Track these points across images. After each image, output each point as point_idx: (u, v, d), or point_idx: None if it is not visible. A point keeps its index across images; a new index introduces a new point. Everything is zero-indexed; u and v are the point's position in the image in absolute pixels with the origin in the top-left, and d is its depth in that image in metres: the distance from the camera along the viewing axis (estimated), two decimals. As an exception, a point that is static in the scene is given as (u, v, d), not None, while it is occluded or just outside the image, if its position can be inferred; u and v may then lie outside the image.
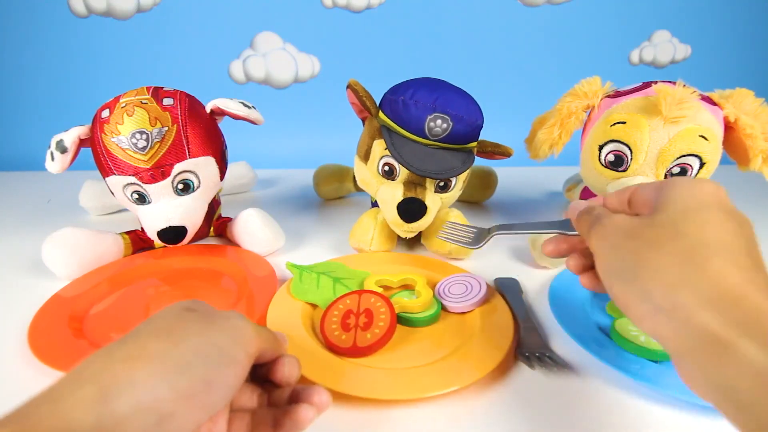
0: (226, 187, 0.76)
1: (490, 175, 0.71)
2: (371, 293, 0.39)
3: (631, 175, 0.45)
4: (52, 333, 0.37)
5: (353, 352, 0.34)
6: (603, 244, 0.25)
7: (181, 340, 0.21)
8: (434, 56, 1.04)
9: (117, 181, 0.46)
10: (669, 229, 0.22)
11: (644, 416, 0.30)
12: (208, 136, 0.49)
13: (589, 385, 0.33)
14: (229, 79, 1.02)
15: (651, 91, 0.45)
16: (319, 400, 0.24)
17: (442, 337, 0.37)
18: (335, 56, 1.03)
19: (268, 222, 0.52)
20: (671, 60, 1.07)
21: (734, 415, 0.19)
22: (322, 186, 0.72)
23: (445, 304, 0.40)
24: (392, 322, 0.35)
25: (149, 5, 0.95)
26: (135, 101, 0.45)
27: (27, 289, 0.46)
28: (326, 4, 0.98)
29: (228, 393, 0.21)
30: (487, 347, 0.34)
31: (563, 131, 0.50)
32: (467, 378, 0.31)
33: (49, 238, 0.46)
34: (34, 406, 0.18)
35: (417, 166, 0.45)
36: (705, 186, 0.24)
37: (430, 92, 0.45)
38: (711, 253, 0.21)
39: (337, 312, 0.37)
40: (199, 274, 0.48)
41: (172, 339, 0.21)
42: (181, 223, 0.47)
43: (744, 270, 0.20)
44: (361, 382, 0.31)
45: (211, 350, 0.21)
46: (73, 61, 0.98)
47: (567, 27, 1.03)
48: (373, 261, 0.49)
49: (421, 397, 0.30)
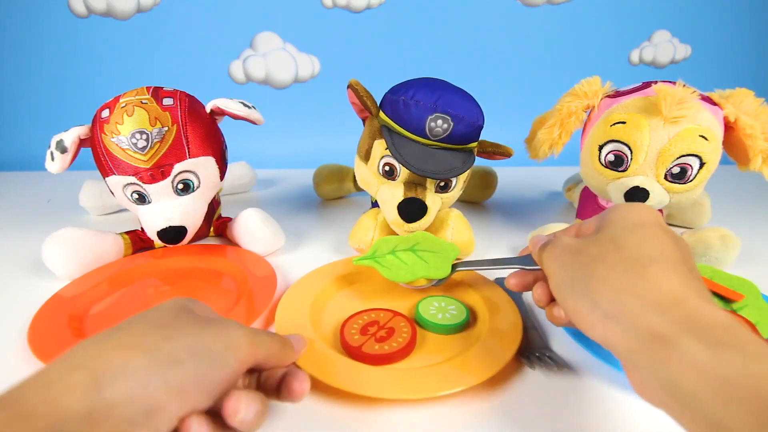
0: (226, 187, 0.76)
1: (490, 175, 0.71)
2: (404, 318, 0.38)
3: (631, 175, 0.45)
4: (52, 333, 0.37)
5: (356, 353, 0.34)
6: (554, 264, 0.27)
7: (173, 336, 0.21)
8: (434, 56, 1.04)
9: (117, 181, 0.46)
10: (611, 244, 0.25)
11: (644, 416, 0.30)
12: (208, 136, 0.49)
13: (589, 385, 0.33)
14: (229, 79, 1.02)
15: (651, 91, 0.45)
16: (300, 387, 0.25)
17: (451, 338, 0.37)
18: (335, 56, 1.03)
19: (268, 222, 0.52)
20: (671, 60, 1.07)
21: (680, 412, 0.19)
22: (322, 186, 0.72)
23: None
24: (403, 350, 0.34)
25: (149, 5, 0.95)
26: (135, 101, 0.45)
27: (27, 289, 0.46)
28: (326, 4, 0.98)
29: (215, 394, 0.22)
30: (494, 349, 0.34)
31: (563, 131, 0.50)
32: (472, 379, 0.31)
33: (49, 238, 0.46)
34: (25, 390, 0.18)
35: (417, 166, 0.45)
36: (642, 208, 0.26)
37: (431, 92, 0.45)
38: (649, 261, 0.23)
39: (366, 317, 0.38)
40: (199, 274, 0.48)
41: (165, 334, 0.21)
42: (181, 223, 0.47)
43: (681, 276, 0.22)
44: (368, 382, 0.31)
45: (202, 352, 0.21)
46: (73, 61, 0.98)
47: (567, 27, 1.03)
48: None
49: (423, 397, 0.30)
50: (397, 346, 0.34)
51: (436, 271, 0.42)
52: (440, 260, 0.42)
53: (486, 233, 0.60)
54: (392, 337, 0.35)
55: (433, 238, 0.45)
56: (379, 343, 0.34)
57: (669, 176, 0.44)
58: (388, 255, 0.43)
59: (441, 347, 0.36)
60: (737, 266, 0.49)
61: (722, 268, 0.48)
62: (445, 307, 0.40)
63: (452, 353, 0.35)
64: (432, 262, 0.42)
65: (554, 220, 0.56)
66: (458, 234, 0.50)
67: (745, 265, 0.49)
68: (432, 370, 0.32)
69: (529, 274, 0.32)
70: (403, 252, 0.43)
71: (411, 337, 0.35)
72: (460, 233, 0.50)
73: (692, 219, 0.60)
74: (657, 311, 0.21)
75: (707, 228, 0.50)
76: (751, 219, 0.64)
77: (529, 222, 0.64)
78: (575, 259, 0.25)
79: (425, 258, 0.43)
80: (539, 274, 0.31)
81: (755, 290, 0.39)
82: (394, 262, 0.43)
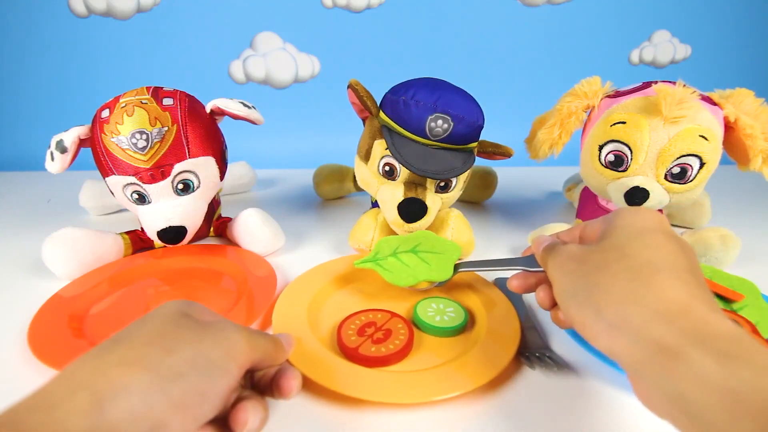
0: (226, 187, 0.76)
1: (490, 175, 0.71)
2: (402, 319, 0.38)
3: (631, 175, 0.45)
4: (52, 333, 0.37)
5: (352, 354, 0.34)
6: (558, 272, 0.26)
7: (174, 348, 0.21)
8: (434, 56, 1.04)
9: (117, 181, 0.46)
10: (615, 252, 0.24)
11: (644, 416, 0.30)
12: (208, 136, 0.49)
13: (589, 385, 0.33)
14: (229, 79, 1.02)
15: (651, 91, 0.45)
16: (292, 385, 0.25)
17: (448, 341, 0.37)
18: (335, 56, 1.03)
19: (268, 222, 0.52)
20: (671, 60, 1.07)
21: (686, 424, 0.19)
22: (322, 186, 0.72)
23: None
24: (400, 353, 0.34)
25: (149, 5, 0.95)
26: (135, 101, 0.45)
27: (27, 289, 0.46)
28: (326, 4, 0.98)
29: (219, 404, 0.22)
30: (494, 351, 0.34)
31: (563, 131, 0.50)
32: (469, 384, 0.31)
33: (49, 238, 0.46)
34: (26, 412, 0.17)
35: (417, 166, 0.45)
36: (648, 213, 0.26)
37: (431, 92, 0.45)
38: (655, 270, 0.22)
39: (364, 317, 0.38)
40: (199, 274, 0.48)
41: (165, 346, 0.21)
42: (181, 223, 0.47)
43: (687, 285, 0.21)
44: (364, 384, 0.31)
45: (204, 363, 0.21)
46: (73, 61, 0.98)
47: (567, 27, 1.03)
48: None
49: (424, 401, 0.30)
50: (394, 348, 0.34)
51: (438, 273, 0.41)
52: (442, 261, 0.42)
53: (486, 233, 0.60)
54: (389, 339, 0.35)
55: (435, 237, 0.45)
56: (375, 345, 0.34)
57: (669, 176, 0.44)
58: (389, 257, 0.43)
59: (438, 350, 0.36)
60: (737, 266, 0.49)
61: (722, 268, 0.48)
62: (443, 309, 0.40)
63: (450, 356, 0.35)
64: (434, 264, 0.42)
65: (554, 220, 0.56)
66: (458, 234, 0.50)
67: (745, 265, 0.49)
68: (429, 374, 0.32)
69: (532, 276, 0.32)
70: (404, 254, 0.43)
71: (408, 339, 0.35)
72: (460, 233, 0.50)
73: (692, 219, 0.60)
74: (663, 322, 0.20)
75: (707, 228, 0.50)
76: (751, 219, 0.64)
77: (529, 222, 0.64)
78: (580, 267, 0.25)
79: (427, 260, 0.43)
80: (542, 276, 0.31)
81: (755, 290, 0.39)
82: (395, 264, 0.42)
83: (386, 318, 0.38)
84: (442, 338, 0.37)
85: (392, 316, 0.38)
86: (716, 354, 0.18)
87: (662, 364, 0.19)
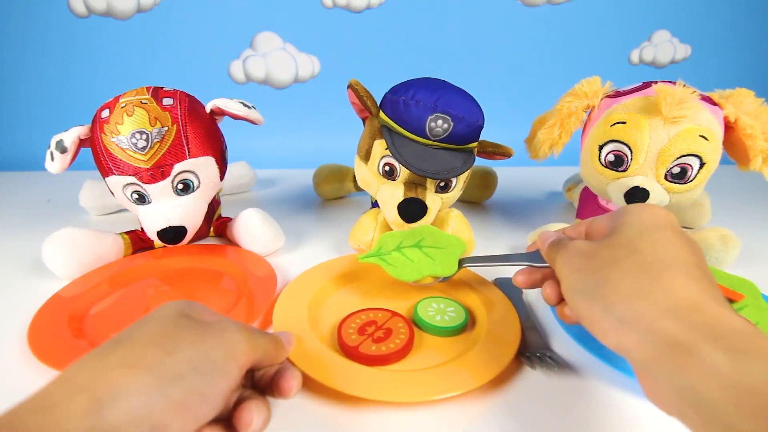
0: (226, 187, 0.76)
1: (490, 175, 0.71)
2: (402, 318, 0.38)
3: (631, 175, 0.45)
4: (51, 333, 0.37)
5: (353, 353, 0.34)
6: (566, 268, 0.26)
7: (175, 349, 0.21)
8: (434, 56, 1.04)
9: (117, 181, 0.46)
10: (624, 248, 0.24)
11: (644, 416, 0.30)
12: (208, 136, 0.49)
13: (589, 385, 0.33)
14: (229, 79, 1.02)
15: (651, 91, 0.45)
16: (292, 385, 0.25)
17: (449, 340, 0.37)
18: (335, 56, 1.03)
19: (268, 222, 0.52)
20: (671, 60, 1.07)
21: (698, 421, 0.19)
22: (322, 186, 0.72)
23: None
24: (400, 352, 0.34)
25: (149, 5, 0.95)
26: (135, 101, 0.45)
27: (27, 289, 0.46)
28: (326, 4, 0.98)
29: (219, 404, 0.22)
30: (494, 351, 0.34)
31: (563, 131, 0.50)
32: (469, 384, 0.31)
33: (49, 238, 0.46)
34: (26, 414, 0.17)
35: (417, 166, 0.45)
36: (656, 210, 0.26)
37: (431, 92, 0.45)
38: (664, 266, 0.22)
39: (364, 316, 0.38)
40: (199, 274, 0.48)
41: (165, 347, 0.21)
42: (181, 223, 0.47)
43: (697, 281, 0.21)
44: (364, 383, 0.31)
45: (204, 363, 0.21)
46: (73, 61, 0.98)
47: (567, 27, 1.03)
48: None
49: (425, 400, 0.30)
50: (394, 347, 0.34)
51: (443, 268, 0.41)
52: (446, 256, 0.42)
53: (486, 233, 0.60)
54: (390, 338, 0.35)
55: (438, 232, 0.44)
56: (376, 344, 0.34)
57: (669, 176, 0.44)
58: (393, 252, 0.43)
59: (439, 349, 0.36)
60: (737, 266, 0.49)
61: (722, 268, 0.48)
62: (444, 308, 0.40)
63: (450, 356, 0.35)
64: (438, 259, 0.42)
65: (554, 220, 0.56)
66: (458, 234, 0.50)
67: (745, 265, 0.49)
68: (429, 373, 0.32)
69: (537, 272, 0.32)
70: (408, 249, 0.43)
71: (408, 338, 0.35)
72: (460, 233, 0.50)
73: (692, 219, 0.60)
74: (674, 317, 0.20)
75: (707, 228, 0.50)
76: (751, 219, 0.64)
77: (529, 222, 0.64)
78: (588, 263, 0.25)
79: (431, 255, 0.42)
80: (547, 272, 0.31)
81: (755, 290, 0.39)
82: (399, 259, 0.42)
83: (387, 317, 0.38)
84: (442, 338, 0.37)
85: (393, 315, 0.38)
86: (728, 349, 0.18)
87: (673, 359, 0.19)
